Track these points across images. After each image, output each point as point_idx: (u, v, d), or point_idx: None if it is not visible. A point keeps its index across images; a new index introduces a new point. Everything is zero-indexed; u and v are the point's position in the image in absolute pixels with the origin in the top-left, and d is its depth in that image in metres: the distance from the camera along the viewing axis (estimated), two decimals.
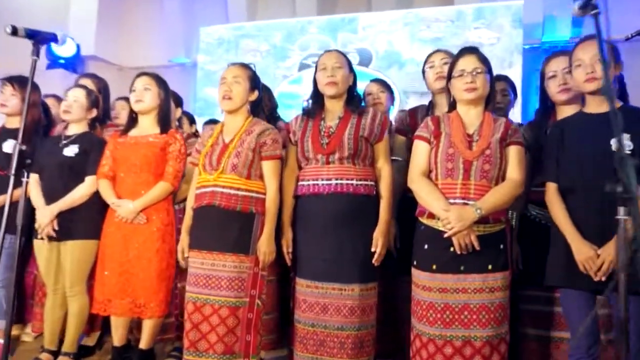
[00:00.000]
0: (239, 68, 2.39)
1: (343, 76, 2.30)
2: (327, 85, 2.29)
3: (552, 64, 2.26)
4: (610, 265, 1.73)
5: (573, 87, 2.17)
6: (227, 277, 2.18)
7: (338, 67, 2.30)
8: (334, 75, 2.28)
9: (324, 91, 2.33)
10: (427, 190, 2.02)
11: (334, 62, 2.31)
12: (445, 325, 1.96)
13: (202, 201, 2.27)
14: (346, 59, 2.35)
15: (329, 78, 2.28)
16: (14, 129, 2.77)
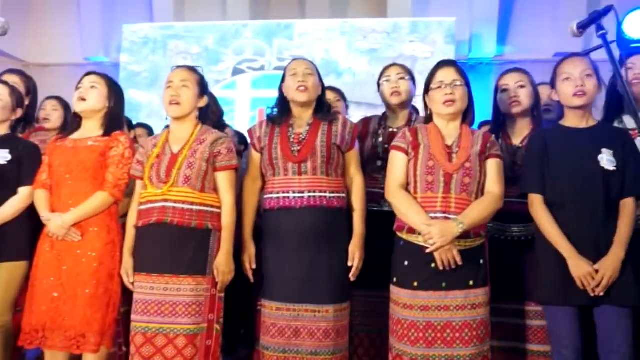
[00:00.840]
0: (187, 71, 2.19)
1: (314, 83, 2.19)
2: (298, 90, 2.15)
3: (506, 78, 2.31)
4: (610, 280, 1.75)
5: (523, 101, 2.24)
6: (183, 302, 1.96)
7: (309, 74, 2.19)
8: (305, 81, 2.16)
9: (294, 97, 2.18)
10: (407, 204, 1.94)
11: (305, 68, 2.19)
12: (427, 345, 1.88)
13: (150, 218, 2.03)
14: (316, 68, 2.24)
15: (301, 83, 2.15)
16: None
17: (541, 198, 1.92)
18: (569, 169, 1.89)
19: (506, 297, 2.10)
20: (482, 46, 5.39)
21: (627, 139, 1.93)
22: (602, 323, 1.82)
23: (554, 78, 2.00)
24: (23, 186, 2.26)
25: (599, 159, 1.85)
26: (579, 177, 1.86)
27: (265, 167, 2.19)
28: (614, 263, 1.77)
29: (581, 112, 1.95)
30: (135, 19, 5.90)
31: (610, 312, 1.79)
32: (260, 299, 2.12)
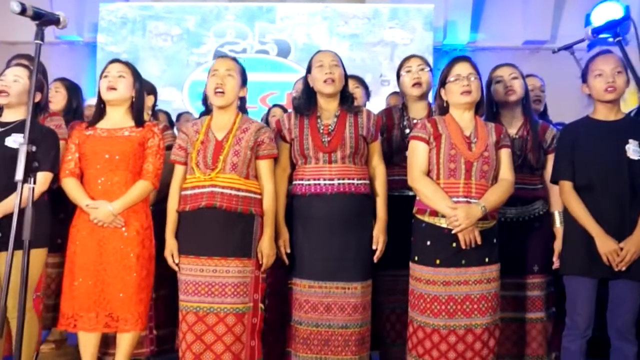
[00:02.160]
0: (231, 61, 2.27)
1: (340, 74, 2.30)
2: (325, 82, 2.27)
3: (499, 70, 2.49)
4: (633, 257, 1.98)
5: (517, 90, 2.43)
6: (231, 283, 2.08)
7: (335, 65, 2.30)
8: (332, 72, 2.27)
9: (321, 89, 2.30)
10: (432, 189, 2.12)
11: (331, 60, 2.30)
12: (449, 316, 2.09)
13: (199, 202, 2.12)
14: (340, 59, 2.35)
15: (328, 75, 2.26)
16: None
17: (571, 184, 2.12)
18: (597, 157, 2.08)
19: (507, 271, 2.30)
20: (456, 33, 5.60)
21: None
22: (615, 293, 2.07)
23: (586, 73, 2.17)
24: (40, 171, 2.26)
25: (626, 148, 2.06)
26: (606, 165, 2.07)
27: (296, 156, 2.30)
28: (637, 243, 1.99)
29: (610, 106, 2.14)
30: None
31: (624, 285, 2.03)
32: (292, 277, 2.25)
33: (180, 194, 2.22)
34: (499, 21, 5.63)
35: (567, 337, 2.12)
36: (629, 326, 2.05)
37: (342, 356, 2.17)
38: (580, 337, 2.07)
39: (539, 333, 2.37)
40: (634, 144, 2.07)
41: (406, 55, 4.79)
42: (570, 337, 2.10)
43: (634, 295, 2.04)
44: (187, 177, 2.22)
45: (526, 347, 2.39)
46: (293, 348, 2.23)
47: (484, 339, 2.10)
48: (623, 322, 2.04)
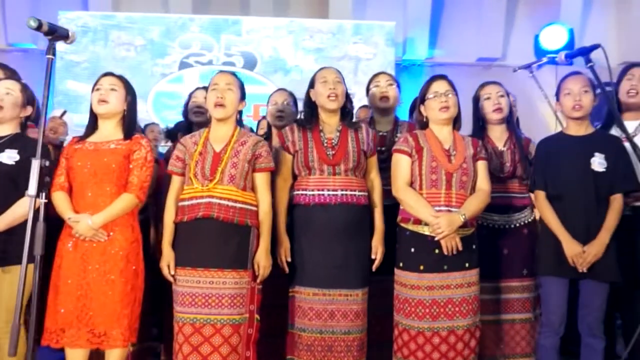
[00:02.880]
0: (231, 75, 2.33)
1: (342, 91, 2.40)
2: (329, 97, 2.36)
3: (487, 89, 2.66)
4: (593, 260, 2.17)
5: (504, 108, 2.61)
6: (228, 294, 2.12)
7: (338, 82, 2.40)
8: (336, 88, 2.37)
9: (324, 104, 2.38)
10: (415, 199, 2.25)
11: (335, 77, 2.40)
12: (433, 319, 2.22)
13: (197, 213, 2.16)
14: (342, 76, 2.45)
15: (331, 91, 2.36)
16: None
17: (544, 194, 2.31)
18: (566, 169, 2.28)
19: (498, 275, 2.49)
20: (415, 49, 5.84)
21: (617, 145, 2.32)
22: (584, 292, 2.26)
23: (559, 91, 2.37)
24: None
25: (591, 161, 2.26)
26: (574, 176, 2.26)
27: (300, 168, 2.38)
28: (598, 246, 2.18)
29: (579, 122, 2.34)
30: (68, 5, 5.65)
31: (592, 285, 2.23)
32: (294, 286, 2.32)
33: (178, 205, 2.25)
34: (454, 38, 5.92)
35: (543, 334, 2.30)
36: (597, 323, 2.24)
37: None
38: (555, 333, 2.25)
39: (527, 333, 2.53)
40: (599, 157, 2.27)
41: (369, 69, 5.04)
42: (545, 334, 2.28)
43: (601, 295, 2.24)
44: (185, 188, 2.24)
45: (516, 346, 2.54)
46: (296, 355, 2.29)
47: (466, 340, 2.24)
48: (592, 319, 2.23)
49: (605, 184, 2.26)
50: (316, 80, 2.41)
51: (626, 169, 2.29)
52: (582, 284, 2.26)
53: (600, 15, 5.82)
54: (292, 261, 2.32)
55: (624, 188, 2.28)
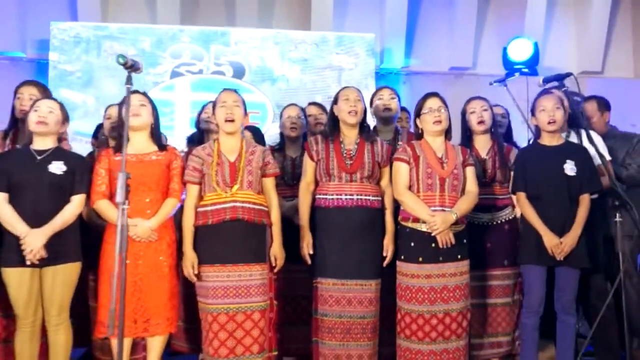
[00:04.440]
0: (236, 94, 2.66)
1: (362, 108, 2.74)
2: (349, 113, 2.69)
3: (473, 103, 3.03)
4: (569, 249, 2.57)
5: (487, 121, 2.99)
6: (254, 284, 2.45)
7: (359, 100, 2.74)
8: (356, 106, 2.70)
9: (345, 119, 2.72)
10: (414, 201, 2.62)
11: (356, 95, 2.74)
12: (430, 303, 2.59)
13: (223, 216, 2.46)
14: (362, 95, 2.79)
15: (352, 108, 2.69)
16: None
17: (524, 195, 2.71)
18: (543, 174, 2.68)
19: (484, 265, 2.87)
20: (392, 58, 6.22)
21: (583, 153, 2.75)
22: (559, 278, 2.67)
23: (534, 108, 2.77)
24: (76, 194, 2.50)
25: (564, 167, 2.66)
26: (550, 180, 2.67)
27: (321, 174, 2.71)
28: (573, 238, 2.60)
29: (552, 134, 2.75)
30: (57, 15, 5.79)
31: (566, 271, 2.64)
32: (317, 277, 2.66)
33: (197, 210, 2.53)
34: (428, 49, 6.33)
35: (524, 315, 2.70)
36: (571, 303, 2.67)
37: (361, 342, 2.61)
38: (535, 314, 2.66)
39: (507, 315, 2.93)
40: (570, 163, 2.69)
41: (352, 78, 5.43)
42: (527, 314, 2.68)
43: (573, 279, 2.66)
44: (208, 194, 2.53)
45: (497, 326, 2.92)
46: (319, 337, 2.64)
47: (459, 321, 2.62)
48: (566, 300, 2.65)
49: (575, 186, 2.67)
50: (339, 98, 2.75)
51: (591, 173, 2.71)
52: (558, 271, 2.67)
53: (561, 28, 6.34)
54: (314, 255, 2.65)
55: (590, 189, 2.70)
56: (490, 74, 6.10)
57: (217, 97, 2.65)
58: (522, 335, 2.76)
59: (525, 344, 2.73)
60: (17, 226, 2.37)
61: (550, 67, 6.04)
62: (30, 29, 5.84)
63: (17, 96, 2.84)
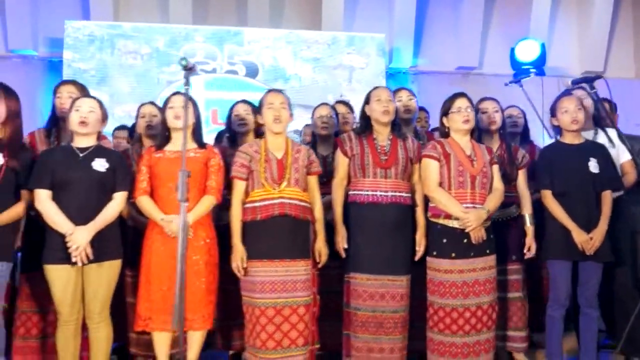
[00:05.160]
0: (283, 95, 2.71)
1: (393, 108, 2.83)
2: (383, 113, 2.78)
3: (485, 104, 3.11)
4: (599, 244, 2.68)
5: (498, 122, 3.08)
6: (300, 280, 2.53)
7: (390, 100, 2.82)
8: (388, 106, 2.79)
9: (378, 118, 2.79)
10: (447, 198, 2.71)
11: (387, 95, 2.83)
12: (464, 297, 2.68)
13: (272, 212, 2.53)
14: (393, 95, 2.89)
15: (385, 108, 2.78)
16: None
17: (550, 192, 2.81)
18: (568, 172, 2.78)
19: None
20: (400, 58, 6.33)
21: (604, 152, 2.86)
22: (583, 272, 2.77)
23: (555, 109, 2.88)
24: (118, 192, 2.55)
25: (589, 165, 2.77)
26: (576, 177, 2.77)
27: (355, 170, 2.78)
28: (601, 234, 2.71)
29: (575, 133, 2.86)
30: (69, 14, 5.81)
31: (590, 265, 2.74)
32: (350, 272, 2.73)
33: (245, 206, 2.60)
34: (436, 49, 6.44)
35: (551, 307, 2.80)
36: (594, 296, 2.78)
37: (392, 336, 2.69)
38: (561, 306, 2.76)
39: (518, 309, 3.03)
40: (593, 161, 2.80)
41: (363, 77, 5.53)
42: (553, 307, 2.79)
43: (597, 274, 2.77)
44: (256, 190, 2.60)
45: (508, 321, 3.03)
46: (352, 330, 2.71)
47: (489, 313, 2.71)
48: (590, 294, 2.76)
49: (599, 183, 2.78)
50: (371, 98, 2.83)
51: (612, 171, 2.84)
52: (582, 266, 2.77)
53: (564, 29, 6.48)
54: (348, 251, 2.73)
55: (612, 186, 2.82)
56: (497, 74, 6.30)
57: (263, 99, 2.71)
58: (548, 327, 2.86)
59: (551, 336, 2.83)
60: (62, 223, 2.41)
61: (554, 67, 6.20)
62: (42, 28, 5.87)
63: (56, 95, 2.89)
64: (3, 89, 2.51)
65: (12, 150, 2.46)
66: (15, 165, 2.45)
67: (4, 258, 2.43)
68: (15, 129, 2.53)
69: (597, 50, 6.33)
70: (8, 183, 2.44)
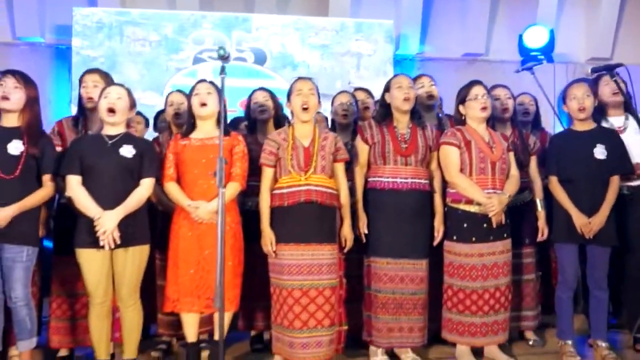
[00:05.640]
0: (311, 82, 2.75)
1: (414, 95, 2.87)
2: (404, 100, 2.82)
3: (497, 91, 3.18)
4: (597, 229, 2.75)
5: (510, 109, 3.15)
6: (326, 263, 2.59)
7: (411, 87, 2.87)
8: (409, 93, 2.83)
9: (400, 106, 2.84)
10: (468, 183, 2.77)
11: (408, 82, 2.87)
12: (483, 279, 2.76)
13: (298, 198, 2.59)
14: (413, 82, 2.92)
15: (406, 95, 2.82)
16: (14, 128, 2.54)
17: (556, 178, 2.88)
18: (574, 158, 2.85)
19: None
20: (407, 45, 6.33)
21: (613, 137, 2.90)
22: (591, 256, 2.84)
23: (565, 96, 2.94)
24: (146, 178, 2.59)
25: (594, 151, 2.83)
26: (580, 163, 2.83)
27: (376, 157, 2.83)
28: (601, 218, 2.77)
29: (583, 120, 2.91)
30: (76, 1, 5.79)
31: (597, 249, 2.82)
32: (370, 256, 2.81)
33: (273, 192, 2.65)
34: (442, 35, 6.44)
35: (560, 289, 2.89)
36: (602, 279, 2.85)
37: (412, 316, 2.78)
38: (569, 288, 2.85)
39: (531, 290, 3.13)
40: (600, 147, 2.86)
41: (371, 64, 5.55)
42: (562, 288, 2.87)
43: (603, 257, 2.84)
44: (283, 177, 2.65)
45: (522, 301, 3.13)
46: (372, 312, 2.80)
47: (506, 294, 2.81)
48: (598, 276, 2.83)
49: (605, 169, 2.83)
50: (392, 86, 2.88)
51: (622, 156, 2.88)
52: (589, 249, 2.85)
53: (572, 15, 6.49)
54: (368, 235, 2.80)
55: (620, 171, 2.87)
56: (503, 60, 6.33)
57: (292, 86, 2.75)
58: (557, 307, 2.94)
59: (561, 315, 2.91)
60: (90, 208, 2.46)
61: (561, 54, 6.23)
62: (50, 15, 5.84)
63: (82, 85, 2.91)
64: (21, 77, 2.54)
65: (32, 137, 2.50)
66: (36, 152, 2.49)
67: (30, 243, 2.48)
68: (34, 116, 2.56)
69: (605, 37, 6.34)
70: (29, 169, 2.49)
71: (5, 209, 2.40)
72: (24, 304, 2.45)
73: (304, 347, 2.55)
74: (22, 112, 2.53)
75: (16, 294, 2.42)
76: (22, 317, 2.45)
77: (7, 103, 2.50)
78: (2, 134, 2.50)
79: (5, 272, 2.42)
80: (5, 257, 2.42)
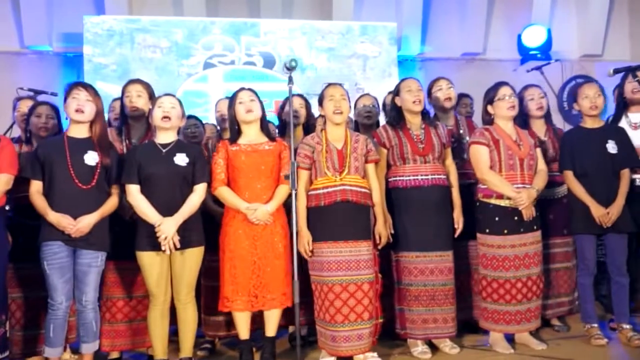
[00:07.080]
0: (342, 88, 2.90)
1: (423, 97, 3.04)
2: (414, 103, 2.99)
3: (531, 90, 3.37)
4: (615, 217, 2.93)
5: (545, 107, 3.34)
6: (363, 259, 2.73)
7: (420, 90, 3.03)
8: (419, 96, 3.00)
9: (411, 108, 3.01)
10: (499, 179, 2.94)
11: (417, 86, 3.04)
12: (516, 269, 2.93)
13: (335, 198, 2.73)
14: (422, 85, 3.08)
15: (416, 97, 2.99)
16: (86, 139, 2.64)
17: (572, 172, 3.06)
18: (588, 153, 3.04)
19: (548, 234, 3.23)
20: (409, 46, 6.52)
21: (621, 133, 3.10)
22: (609, 244, 3.04)
23: (576, 95, 3.13)
24: (199, 184, 2.71)
25: (607, 146, 3.02)
26: (596, 158, 3.02)
27: (395, 159, 2.99)
28: (617, 208, 2.96)
29: (594, 118, 3.11)
30: (83, 9, 5.84)
31: (615, 237, 3.01)
32: (399, 252, 2.96)
33: (309, 193, 2.79)
34: (442, 36, 6.64)
35: (581, 276, 3.10)
36: (622, 265, 3.05)
37: (444, 307, 2.93)
38: (590, 274, 3.05)
39: (568, 277, 3.33)
40: (611, 142, 3.06)
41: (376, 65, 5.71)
42: (583, 275, 3.08)
43: (622, 243, 3.04)
44: (319, 179, 2.79)
45: (560, 288, 3.33)
46: (405, 305, 2.94)
47: (538, 283, 2.98)
48: (619, 262, 3.03)
49: (617, 162, 3.04)
50: (401, 90, 3.04)
51: (630, 151, 3.08)
52: (607, 237, 3.05)
53: (564, 14, 6.75)
54: (395, 232, 2.95)
55: (629, 164, 3.07)
56: (500, 59, 6.57)
57: (324, 92, 2.89)
58: (580, 293, 3.15)
59: (584, 300, 3.11)
60: (151, 215, 2.58)
61: (554, 52, 6.48)
62: (57, 23, 5.88)
63: (125, 94, 3.01)
64: (92, 89, 2.65)
65: (104, 148, 2.61)
66: (108, 162, 2.60)
67: (104, 248, 2.59)
68: (104, 127, 2.69)
69: (596, 34, 6.62)
70: (102, 179, 2.59)
71: (89, 217, 2.52)
72: (92, 307, 2.56)
73: (346, 340, 2.69)
74: (92, 123, 2.64)
75: (87, 298, 2.52)
76: (90, 320, 2.55)
77: (82, 115, 2.61)
78: (77, 145, 2.61)
79: (79, 276, 2.52)
80: (82, 262, 2.52)
